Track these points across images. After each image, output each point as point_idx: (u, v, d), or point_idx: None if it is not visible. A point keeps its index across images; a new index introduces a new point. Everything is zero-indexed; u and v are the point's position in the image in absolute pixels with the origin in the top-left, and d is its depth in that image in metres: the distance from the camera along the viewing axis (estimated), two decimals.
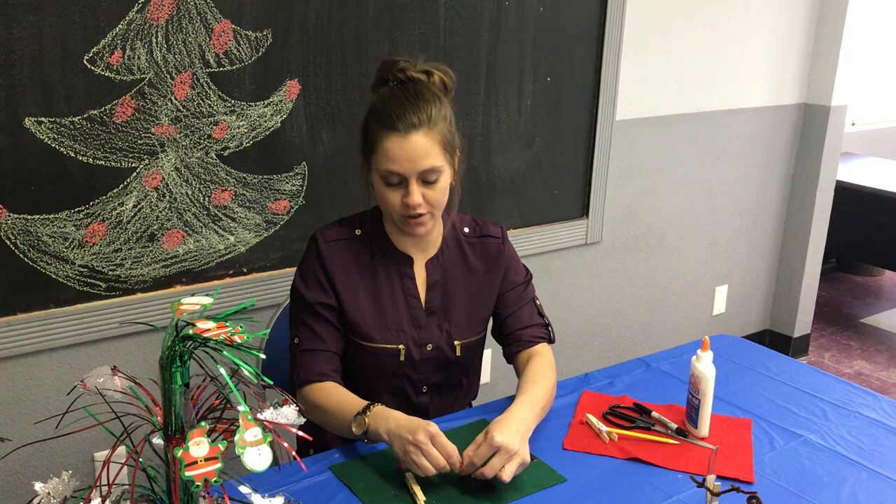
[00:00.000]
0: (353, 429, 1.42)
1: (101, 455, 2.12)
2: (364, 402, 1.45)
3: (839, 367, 3.75)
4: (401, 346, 1.59)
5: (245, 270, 2.20)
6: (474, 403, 1.80)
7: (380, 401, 1.61)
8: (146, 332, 2.08)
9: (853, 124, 4.77)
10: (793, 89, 3.50)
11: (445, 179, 1.51)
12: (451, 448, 1.32)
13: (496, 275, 1.67)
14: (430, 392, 1.65)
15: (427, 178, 1.48)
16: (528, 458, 1.35)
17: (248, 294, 2.19)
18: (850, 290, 4.73)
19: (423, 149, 1.45)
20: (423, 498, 1.30)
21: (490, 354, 2.70)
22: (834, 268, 4.96)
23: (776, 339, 3.82)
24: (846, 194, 3.99)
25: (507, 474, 1.31)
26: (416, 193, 1.47)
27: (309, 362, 1.55)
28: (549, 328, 1.71)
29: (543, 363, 1.61)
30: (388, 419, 1.39)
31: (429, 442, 1.31)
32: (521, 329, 1.67)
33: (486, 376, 2.82)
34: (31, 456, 2.04)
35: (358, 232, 1.61)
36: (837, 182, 3.72)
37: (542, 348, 1.66)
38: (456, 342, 1.63)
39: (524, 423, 1.40)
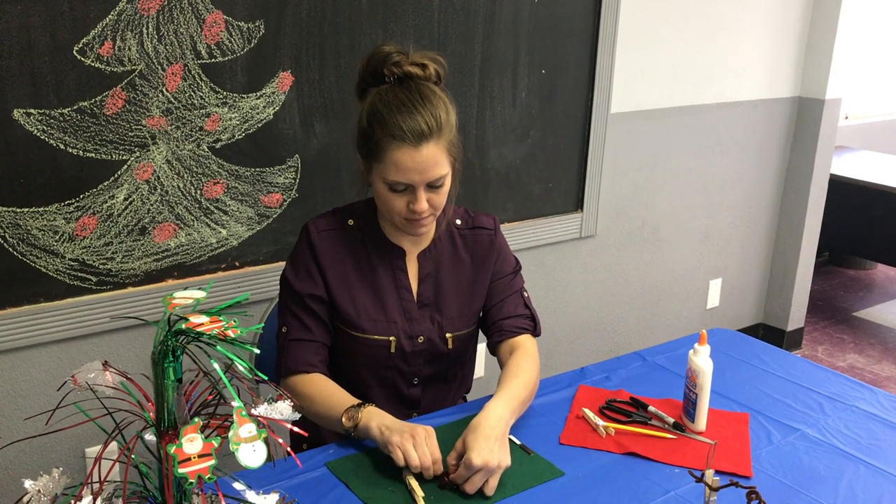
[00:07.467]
0: (344, 420, 1.41)
1: (91, 451, 2.10)
2: (356, 400, 1.45)
3: (832, 360, 3.76)
4: (391, 338, 1.57)
5: (237, 264, 2.18)
6: (468, 397, 1.79)
7: (370, 392, 1.61)
8: (137, 326, 2.06)
9: (846, 118, 4.77)
10: (787, 82, 3.50)
11: (449, 181, 1.50)
12: (438, 455, 1.33)
13: (488, 267, 1.66)
14: (421, 384, 1.64)
15: (434, 185, 1.46)
16: (507, 460, 1.33)
17: (241, 288, 2.17)
18: (843, 283, 4.74)
19: (433, 160, 1.43)
20: (422, 494, 1.29)
21: (484, 349, 2.68)
22: (827, 261, 4.97)
23: (770, 333, 3.82)
24: (839, 188, 4.00)
25: (490, 489, 1.31)
26: (423, 201, 1.46)
27: (296, 352, 1.54)
28: (535, 321, 1.68)
29: (525, 355, 1.58)
30: (384, 417, 1.39)
31: (423, 438, 1.32)
32: (504, 319, 1.65)
33: (479, 370, 2.81)
34: (21, 452, 2.01)
35: (350, 223, 1.60)
36: (831, 176, 3.72)
37: (525, 340, 1.63)
38: (448, 335, 1.62)
39: (500, 424, 1.37)
